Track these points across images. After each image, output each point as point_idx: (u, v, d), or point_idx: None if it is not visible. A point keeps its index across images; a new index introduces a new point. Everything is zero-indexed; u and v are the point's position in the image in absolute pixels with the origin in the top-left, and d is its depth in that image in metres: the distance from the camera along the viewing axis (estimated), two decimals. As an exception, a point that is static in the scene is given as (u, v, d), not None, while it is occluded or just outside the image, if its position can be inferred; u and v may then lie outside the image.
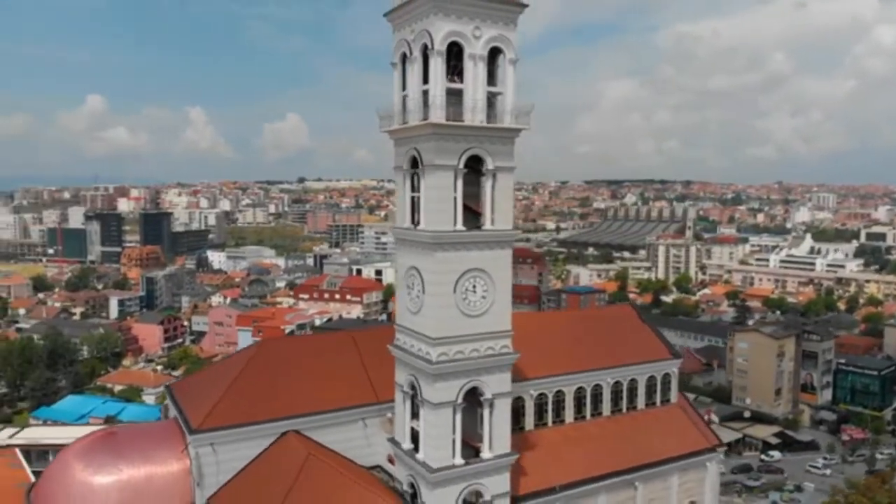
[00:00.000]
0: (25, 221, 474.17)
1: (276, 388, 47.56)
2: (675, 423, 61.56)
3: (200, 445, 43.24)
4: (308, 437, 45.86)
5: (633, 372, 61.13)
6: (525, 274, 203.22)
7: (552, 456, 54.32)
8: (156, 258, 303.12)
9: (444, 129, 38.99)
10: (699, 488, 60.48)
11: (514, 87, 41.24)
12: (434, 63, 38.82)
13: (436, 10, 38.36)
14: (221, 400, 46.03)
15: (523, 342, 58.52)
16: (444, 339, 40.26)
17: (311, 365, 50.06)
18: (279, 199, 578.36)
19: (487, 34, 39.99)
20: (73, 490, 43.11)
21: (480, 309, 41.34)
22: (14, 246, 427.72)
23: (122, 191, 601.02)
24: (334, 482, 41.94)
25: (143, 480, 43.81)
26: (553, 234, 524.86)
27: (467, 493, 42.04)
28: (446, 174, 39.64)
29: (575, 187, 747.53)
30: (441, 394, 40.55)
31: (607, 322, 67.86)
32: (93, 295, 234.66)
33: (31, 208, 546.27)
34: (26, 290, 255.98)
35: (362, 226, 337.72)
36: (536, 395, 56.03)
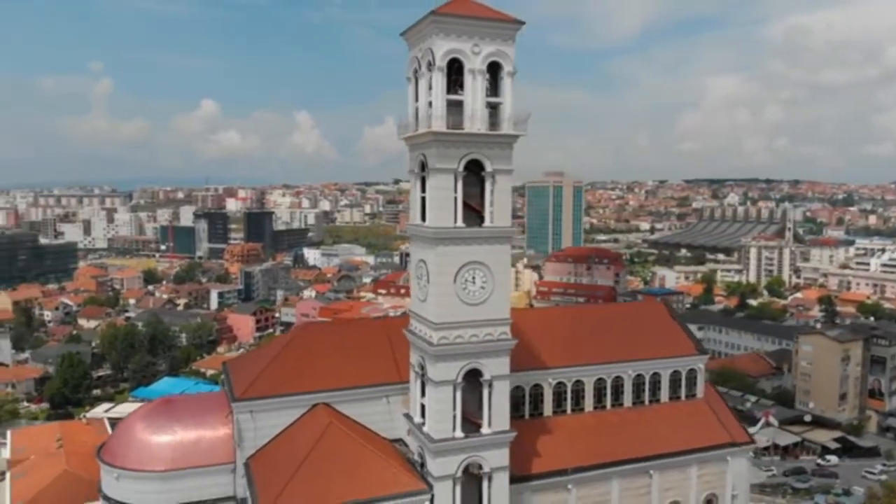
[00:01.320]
0: (141, 220, 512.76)
1: (311, 366, 53.49)
2: (698, 417, 63.24)
3: (241, 412, 49.76)
4: (336, 410, 51.51)
5: (656, 366, 63.38)
6: (601, 274, 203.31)
7: (568, 441, 57.78)
8: (256, 255, 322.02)
9: (445, 136, 43.68)
10: (719, 482, 62.04)
11: (511, 98, 45.30)
12: (435, 78, 43.57)
13: (437, 30, 43.11)
14: (261, 374, 52.58)
15: (546, 333, 62.91)
16: (445, 324, 44.90)
17: (344, 347, 55.70)
18: (374, 200, 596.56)
19: (486, 50, 44.30)
20: (133, 447, 50.69)
21: (480, 298, 45.62)
22: (130, 242, 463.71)
23: (230, 191, 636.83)
24: (350, 449, 47.44)
25: (193, 441, 50.84)
26: (647, 234, 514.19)
27: (468, 463, 46.36)
28: (447, 176, 44.28)
29: (673, 187, 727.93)
30: (442, 373, 45.21)
31: (635, 317, 70.24)
32: (196, 287, 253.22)
33: (147, 207, 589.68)
34: (138, 282, 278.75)
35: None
36: (555, 383, 59.54)
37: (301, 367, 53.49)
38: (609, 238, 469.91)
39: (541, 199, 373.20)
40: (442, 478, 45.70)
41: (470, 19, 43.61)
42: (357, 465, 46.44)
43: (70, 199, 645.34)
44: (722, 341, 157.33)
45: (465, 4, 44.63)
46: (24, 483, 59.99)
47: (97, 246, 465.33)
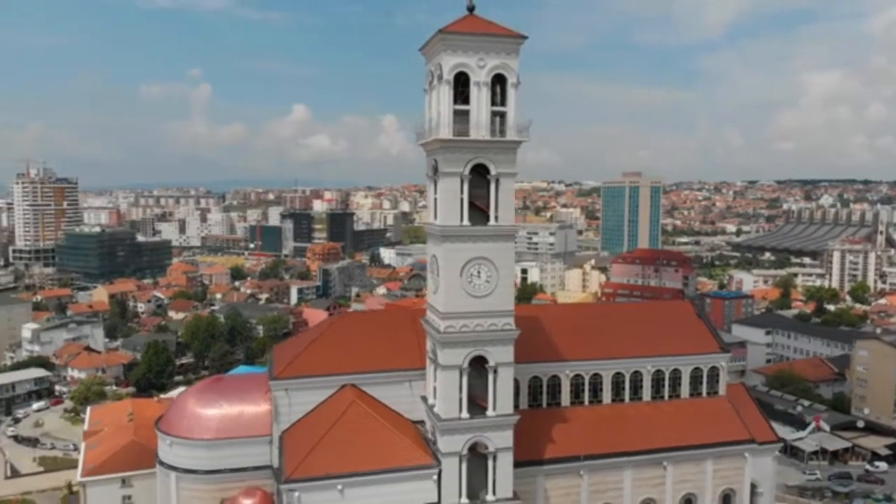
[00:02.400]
0: (232, 219, 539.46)
1: (342, 350, 58.88)
2: (717, 414, 64.78)
3: (277, 390, 55.63)
4: (362, 391, 56.62)
5: (676, 362, 65.43)
6: (669, 277, 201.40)
7: (583, 430, 60.89)
8: (335, 253, 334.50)
9: (451, 143, 48.02)
10: (737, 477, 63.39)
11: (516, 106, 49.11)
12: (442, 90, 47.95)
13: (444, 47, 47.49)
14: (298, 356, 58.43)
15: (567, 328, 66.35)
16: (451, 313, 49.20)
17: (374, 334, 60.83)
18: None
19: (491, 64, 48.29)
20: (185, 418, 57.49)
21: (485, 291, 49.61)
22: (222, 240, 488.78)
23: (317, 193, 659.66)
24: (370, 426, 52.43)
25: (237, 414, 57.18)
26: (732, 237, 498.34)
27: (474, 443, 50.39)
28: (454, 179, 48.57)
29: (764, 187, 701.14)
30: (449, 358, 49.50)
31: (661, 315, 72.21)
32: (277, 284, 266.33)
33: (238, 208, 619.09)
34: (225, 278, 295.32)
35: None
36: (572, 375, 62.71)
37: (334, 351, 58.94)
38: (690, 240, 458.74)
39: (617, 199, 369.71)
40: (449, 454, 49.97)
41: (475, 36, 47.74)
42: (374, 440, 51.36)
43: (168, 199, 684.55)
44: (790, 346, 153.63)
45: (471, 22, 48.81)
46: (97, 451, 68.34)
47: (191, 244, 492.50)
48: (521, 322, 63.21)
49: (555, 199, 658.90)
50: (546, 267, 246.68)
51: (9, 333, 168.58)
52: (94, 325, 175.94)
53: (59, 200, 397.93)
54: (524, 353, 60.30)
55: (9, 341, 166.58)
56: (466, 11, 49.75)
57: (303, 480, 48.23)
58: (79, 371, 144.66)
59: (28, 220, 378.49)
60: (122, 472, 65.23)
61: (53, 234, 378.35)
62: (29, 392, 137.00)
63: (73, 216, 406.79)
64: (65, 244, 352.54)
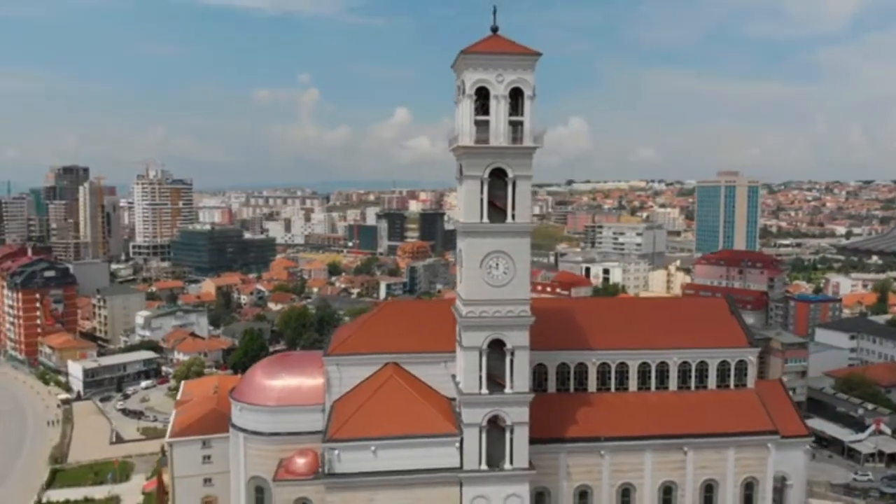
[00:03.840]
0: (333, 219, 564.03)
1: (388, 332, 66.25)
2: (742, 405, 67.62)
3: (329, 365, 63.74)
4: (403, 369, 63.78)
5: (703, 355, 68.83)
6: (754, 279, 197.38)
7: (607, 414, 65.64)
8: (424, 252, 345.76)
9: (471, 149, 54.43)
10: (759, 467, 66.04)
11: (531, 116, 54.82)
12: (465, 103, 54.41)
13: (466, 65, 53.98)
14: (349, 336, 66.53)
15: (598, 319, 71.47)
16: (472, 300, 55.56)
17: (418, 319, 68.04)
18: (544, 201, 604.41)
19: (508, 79, 54.27)
20: (253, 387, 66.59)
21: (502, 281, 55.57)
22: (323, 239, 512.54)
23: (413, 194, 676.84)
24: (404, 398, 59.58)
25: (296, 385, 65.70)
26: (840, 239, 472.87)
27: (493, 416, 56.44)
28: (475, 182, 54.88)
29: (879, 188, 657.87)
30: (470, 340, 55.86)
31: (693, 310, 75.60)
32: (368, 279, 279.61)
33: (340, 208, 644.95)
34: (322, 273, 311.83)
35: (601, 226, 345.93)
36: (599, 363, 67.48)
37: (380, 333, 66.53)
38: (792, 242, 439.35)
39: (712, 200, 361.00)
40: (470, 425, 56.36)
41: (493, 55, 53.92)
42: (406, 410, 58.46)
43: (276, 199, 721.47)
44: (875, 351, 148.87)
45: (492, 42, 54.98)
46: (184, 417, 79.23)
47: (295, 241, 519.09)
48: (553, 313, 69.32)
49: (652, 199, 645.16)
50: (629, 267, 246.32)
51: (124, 320, 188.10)
52: (199, 313, 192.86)
53: (174, 200, 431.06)
54: (552, 341, 66.38)
55: (124, 327, 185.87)
56: (491, 32, 56.01)
57: (341, 440, 56.06)
58: (183, 354, 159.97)
59: (147, 218, 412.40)
60: (204, 434, 75.46)
61: (169, 231, 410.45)
62: (138, 372, 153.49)
63: (187, 215, 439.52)
64: (179, 240, 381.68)
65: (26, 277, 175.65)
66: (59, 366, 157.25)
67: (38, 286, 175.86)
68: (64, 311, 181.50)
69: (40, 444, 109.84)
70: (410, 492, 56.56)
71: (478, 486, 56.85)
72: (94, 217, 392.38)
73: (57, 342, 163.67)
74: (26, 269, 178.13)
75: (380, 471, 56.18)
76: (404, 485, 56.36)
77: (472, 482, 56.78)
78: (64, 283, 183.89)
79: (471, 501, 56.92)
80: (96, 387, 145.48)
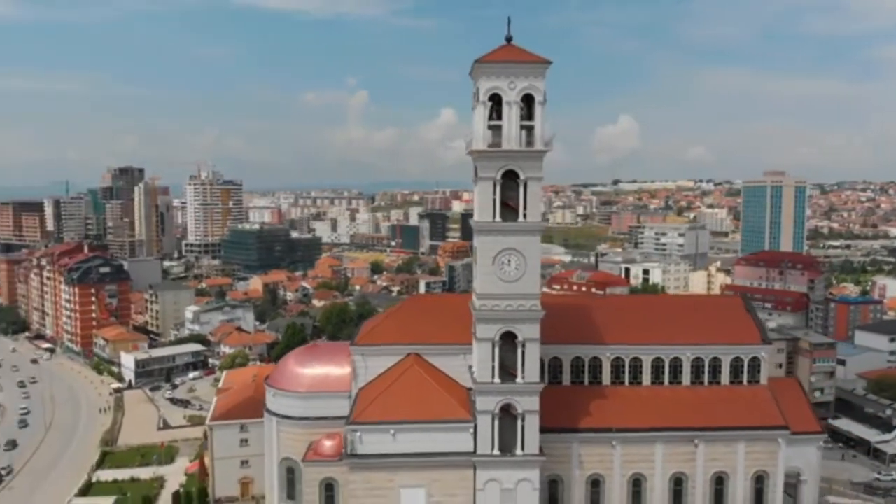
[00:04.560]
0: (377, 219, 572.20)
1: (411, 325, 70.07)
2: (754, 401, 69.35)
3: (356, 354, 67.94)
4: (424, 359, 67.47)
5: (716, 351, 70.74)
6: (794, 280, 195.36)
7: (620, 406, 68.26)
8: (464, 251, 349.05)
9: (485, 153, 57.90)
10: (770, 460, 67.60)
11: (542, 120, 57.95)
12: (479, 109, 57.87)
13: (480, 73, 57.47)
14: (375, 328, 70.75)
15: (614, 316, 74.03)
16: (485, 294, 58.99)
17: (440, 313, 71.52)
18: (588, 202, 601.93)
19: (520, 86, 57.51)
20: (286, 374, 71.31)
21: (514, 277, 58.78)
22: (367, 238, 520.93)
23: (455, 194, 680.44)
24: (422, 386, 63.29)
25: (324, 373, 70.16)
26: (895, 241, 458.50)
27: (505, 404, 59.71)
28: (488, 183, 58.27)
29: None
30: (483, 332, 59.29)
31: (708, 308, 77.48)
32: (408, 278, 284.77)
33: (385, 208, 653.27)
34: (365, 272, 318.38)
35: (643, 226, 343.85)
36: (613, 357, 70.05)
37: (404, 325, 70.47)
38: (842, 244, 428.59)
39: (758, 200, 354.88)
40: (483, 412, 59.78)
41: (505, 63, 57.27)
42: (424, 397, 62.20)
43: (323, 200, 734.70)
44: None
45: (506, 51, 58.33)
46: (223, 403, 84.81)
47: (341, 241, 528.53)
48: (569, 309, 72.39)
49: (700, 199, 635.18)
50: (669, 268, 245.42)
51: (175, 314, 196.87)
52: (245, 309, 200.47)
53: (225, 200, 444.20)
54: (568, 335, 69.43)
55: (174, 321, 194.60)
56: (505, 41, 59.37)
57: (363, 424, 60.15)
58: (230, 347, 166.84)
59: (198, 217, 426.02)
60: (241, 419, 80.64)
61: (220, 230, 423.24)
62: (187, 363, 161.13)
63: (237, 214, 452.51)
64: (229, 239, 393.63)
65: (82, 273, 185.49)
66: (113, 357, 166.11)
67: (93, 281, 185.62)
68: (118, 305, 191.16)
69: (92, 430, 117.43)
70: (427, 473, 60.30)
71: (491, 470, 60.23)
72: (149, 216, 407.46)
73: (110, 334, 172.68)
74: (82, 266, 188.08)
75: (399, 453, 60.06)
76: (421, 467, 60.13)
77: (486, 466, 60.20)
78: (118, 278, 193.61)
79: (484, 484, 60.34)
80: (147, 377, 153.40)
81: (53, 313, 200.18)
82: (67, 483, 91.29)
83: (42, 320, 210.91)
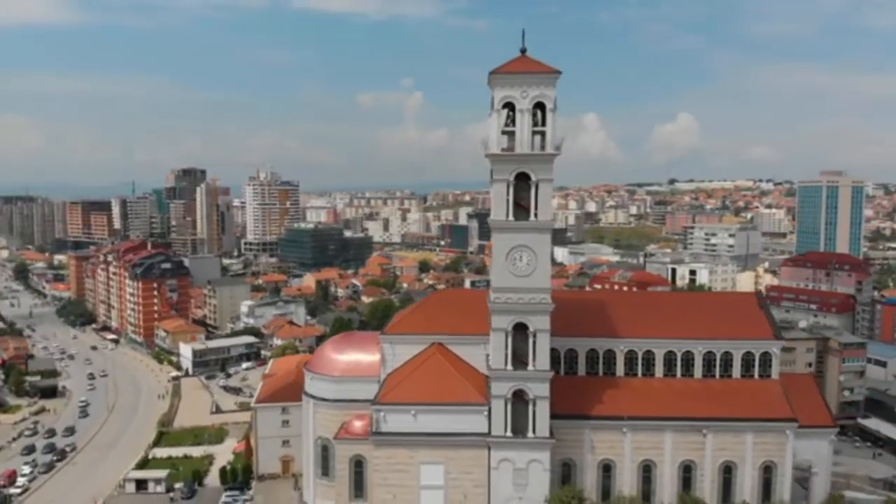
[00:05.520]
0: (428, 219, 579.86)
1: (435, 317, 75.44)
2: (764, 394, 71.95)
3: (384, 342, 73.59)
4: (446, 348, 72.62)
5: (727, 345, 73.66)
6: (841, 282, 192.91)
7: (631, 396, 71.96)
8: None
9: (499, 156, 62.77)
10: (778, 451, 70.06)
11: (553, 126, 62.41)
12: (494, 116, 62.74)
13: (495, 84, 62.37)
14: (402, 318, 76.40)
15: (629, 310, 77.71)
16: (499, 288, 63.84)
17: (463, 307, 76.55)
18: (642, 201, 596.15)
19: (532, 94, 62.15)
20: (322, 360, 77.51)
21: (525, 272, 63.43)
22: (418, 238, 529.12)
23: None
24: (443, 373, 68.55)
25: (357, 359, 75.99)
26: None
27: (518, 389, 64.40)
28: (502, 184, 63.07)
29: None
30: (498, 322, 64.13)
31: (722, 304, 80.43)
32: (454, 276, 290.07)
33: (436, 209, 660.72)
34: (413, 270, 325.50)
35: (692, 226, 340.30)
36: (626, 350, 73.78)
37: (430, 316, 75.91)
38: None
39: (814, 200, 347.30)
40: (497, 397, 64.67)
41: (518, 74, 61.99)
42: (444, 383, 67.52)
43: (377, 200, 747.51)
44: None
45: (519, 62, 63.06)
46: (268, 387, 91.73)
47: (392, 240, 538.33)
48: (586, 304, 76.63)
49: (759, 199, 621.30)
50: (716, 269, 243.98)
51: (231, 309, 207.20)
52: (297, 304, 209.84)
53: (282, 200, 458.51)
54: (583, 329, 73.79)
55: (230, 315, 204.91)
56: (520, 53, 64.08)
57: (387, 404, 65.78)
58: (281, 340, 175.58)
59: (257, 217, 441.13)
60: (284, 402, 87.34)
61: (277, 229, 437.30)
62: (240, 355, 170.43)
63: (294, 214, 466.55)
64: (285, 238, 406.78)
65: (145, 269, 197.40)
66: (172, 347, 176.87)
67: (155, 276, 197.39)
68: (178, 298, 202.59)
69: (150, 413, 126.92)
70: (445, 452, 65.59)
71: (504, 450, 65.08)
72: (210, 215, 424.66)
73: (170, 326, 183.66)
74: (145, 262, 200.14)
75: (419, 432, 65.51)
76: (440, 445, 65.48)
77: (499, 447, 65.07)
78: (178, 274, 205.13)
79: (498, 463, 65.24)
80: (203, 366, 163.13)
81: (118, 306, 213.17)
82: (126, 459, 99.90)
83: (108, 313, 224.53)
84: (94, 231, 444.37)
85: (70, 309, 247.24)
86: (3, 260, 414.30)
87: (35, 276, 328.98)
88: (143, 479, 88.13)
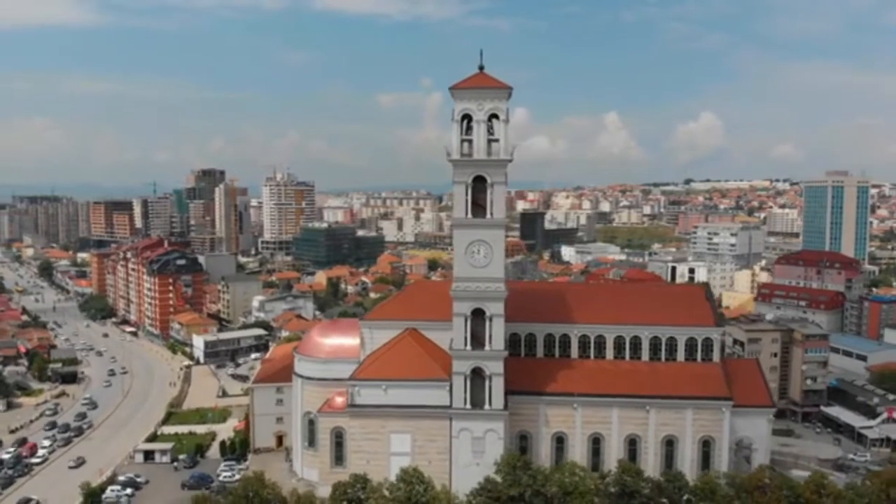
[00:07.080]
0: (441, 218, 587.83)
1: (412, 304, 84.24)
2: (704, 375, 79.70)
3: (364, 328, 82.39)
4: (420, 333, 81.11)
5: (671, 331, 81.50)
6: (831, 279, 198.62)
7: (583, 375, 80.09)
8: (518, 249, 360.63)
9: (458, 161, 71.29)
10: (715, 427, 77.67)
11: (504, 136, 70.82)
12: (454, 126, 71.25)
13: (455, 97, 70.87)
14: (381, 306, 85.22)
15: (585, 299, 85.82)
16: (459, 278, 72.33)
17: (437, 296, 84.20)
18: (656, 201, 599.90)
19: (487, 107, 70.66)
20: (310, 343, 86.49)
21: (482, 264, 71.89)
22: (431, 237, 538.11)
23: (521, 194, 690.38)
24: (411, 353, 77.23)
25: (340, 343, 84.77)
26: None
27: (476, 367, 72.82)
28: (462, 186, 71.56)
29: None
30: (459, 308, 72.69)
31: (670, 295, 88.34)
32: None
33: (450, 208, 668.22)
34: (422, 268, 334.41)
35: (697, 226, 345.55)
36: (580, 335, 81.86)
37: (407, 305, 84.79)
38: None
39: (819, 200, 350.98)
40: (457, 373, 73.26)
41: (474, 90, 70.54)
42: (412, 361, 76.28)
43: (393, 200, 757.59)
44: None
45: (476, 79, 71.67)
46: (265, 369, 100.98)
47: (406, 240, 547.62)
48: (545, 293, 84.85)
49: (773, 199, 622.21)
50: (715, 267, 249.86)
51: (244, 304, 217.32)
52: (306, 299, 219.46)
53: (298, 200, 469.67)
54: (540, 315, 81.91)
55: (243, 309, 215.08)
56: (478, 70, 72.51)
57: (360, 380, 74.62)
58: (289, 333, 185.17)
59: (273, 216, 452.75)
60: (278, 383, 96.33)
61: (293, 228, 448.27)
62: (250, 346, 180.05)
63: (309, 213, 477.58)
64: (301, 237, 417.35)
65: (161, 265, 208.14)
66: (186, 339, 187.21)
67: (170, 272, 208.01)
68: (192, 293, 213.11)
69: (161, 397, 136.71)
70: (412, 422, 74.39)
71: (463, 421, 73.64)
72: (228, 215, 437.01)
73: (185, 319, 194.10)
74: (162, 258, 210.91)
75: (389, 405, 74.39)
76: (407, 416, 74.33)
77: (459, 418, 73.63)
78: (193, 270, 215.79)
79: (458, 433, 73.84)
80: (214, 357, 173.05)
81: (137, 301, 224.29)
82: (137, 436, 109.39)
83: (127, 307, 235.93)
84: (116, 230, 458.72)
85: (92, 303, 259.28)
86: (28, 258, 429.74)
87: (59, 273, 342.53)
88: (150, 451, 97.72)
